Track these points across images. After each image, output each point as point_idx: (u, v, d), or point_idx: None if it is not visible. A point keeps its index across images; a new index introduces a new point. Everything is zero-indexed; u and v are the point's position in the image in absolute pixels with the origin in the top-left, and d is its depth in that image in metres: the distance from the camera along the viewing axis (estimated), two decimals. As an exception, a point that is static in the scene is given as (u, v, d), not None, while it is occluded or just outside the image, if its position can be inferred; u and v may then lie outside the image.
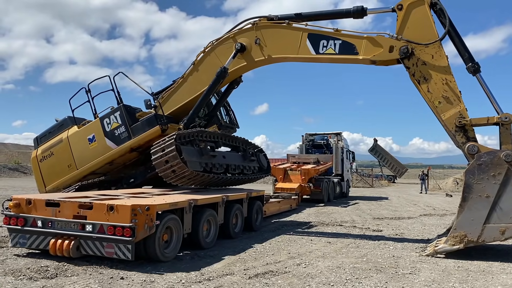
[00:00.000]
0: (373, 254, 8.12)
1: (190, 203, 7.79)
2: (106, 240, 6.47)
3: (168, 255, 7.08)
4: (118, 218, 6.44)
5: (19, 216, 7.14)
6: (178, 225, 7.41)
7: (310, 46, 10.01)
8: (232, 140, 11.90)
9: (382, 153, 35.70)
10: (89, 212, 6.73)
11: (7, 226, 7.25)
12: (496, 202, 7.70)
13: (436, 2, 9.03)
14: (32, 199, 7.22)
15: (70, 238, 6.68)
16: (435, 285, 5.99)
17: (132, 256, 6.33)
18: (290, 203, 17.03)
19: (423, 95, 8.96)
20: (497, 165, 7.79)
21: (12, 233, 7.23)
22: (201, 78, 11.06)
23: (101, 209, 6.62)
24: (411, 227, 12.52)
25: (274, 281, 5.96)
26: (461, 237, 7.84)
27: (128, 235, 6.27)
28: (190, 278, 6.00)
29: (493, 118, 8.40)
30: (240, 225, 10.22)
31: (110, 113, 10.90)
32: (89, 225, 6.62)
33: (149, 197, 8.24)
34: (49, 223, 6.90)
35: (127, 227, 6.29)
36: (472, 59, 8.93)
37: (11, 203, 7.29)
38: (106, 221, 6.50)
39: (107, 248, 6.47)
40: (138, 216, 6.37)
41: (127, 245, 6.33)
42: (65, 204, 6.98)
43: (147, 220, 6.43)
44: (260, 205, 11.65)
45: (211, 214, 8.70)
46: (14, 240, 7.20)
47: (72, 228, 6.74)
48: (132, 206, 6.44)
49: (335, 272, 6.59)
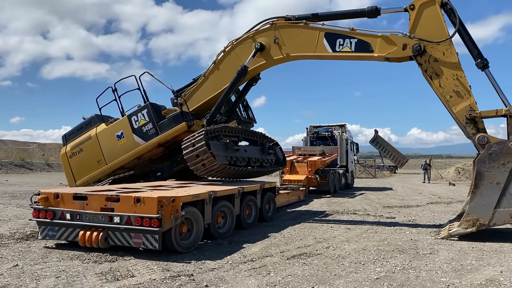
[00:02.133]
0: (392, 238, 8.80)
1: (210, 194, 8.12)
2: (133, 231, 6.74)
3: (188, 245, 7.30)
4: (145, 209, 6.72)
5: (48, 210, 7.43)
6: (199, 216, 7.69)
7: (327, 44, 10.60)
8: (250, 134, 12.53)
9: (383, 144, 36.35)
10: (116, 205, 7.03)
11: (37, 219, 7.55)
12: (506, 188, 8.35)
13: (446, 2, 9.61)
14: (60, 193, 7.49)
15: (98, 230, 6.95)
16: (454, 262, 6.66)
17: (160, 246, 6.62)
18: (298, 194, 17.48)
19: (435, 89, 9.57)
20: (506, 154, 8.43)
21: (41, 226, 7.51)
22: (222, 76, 11.66)
23: (128, 201, 6.91)
24: (421, 214, 13.22)
25: (310, 261, 6.63)
26: (473, 220, 8.51)
27: (156, 225, 6.54)
28: (235, 260, 6.69)
29: (501, 111, 9.04)
30: (254, 216, 10.55)
31: (137, 111, 11.52)
32: (116, 217, 6.88)
33: (170, 189, 8.58)
34: (77, 215, 7.20)
35: (155, 217, 6.56)
36: (481, 56, 9.53)
37: (40, 197, 7.58)
38: (133, 213, 6.78)
39: (135, 239, 6.75)
40: (164, 207, 6.65)
41: (154, 235, 6.60)
42: (92, 197, 7.28)
43: (173, 211, 6.73)
44: (272, 196, 12.02)
45: (228, 206, 9.03)
46: (43, 232, 7.49)
47: (100, 220, 7.02)
48: (158, 198, 6.71)
49: (362, 254, 7.27)
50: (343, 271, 6.07)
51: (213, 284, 5.36)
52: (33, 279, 5.47)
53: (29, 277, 5.59)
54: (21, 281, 5.38)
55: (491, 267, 6.42)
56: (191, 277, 5.63)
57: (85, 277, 5.60)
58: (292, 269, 6.17)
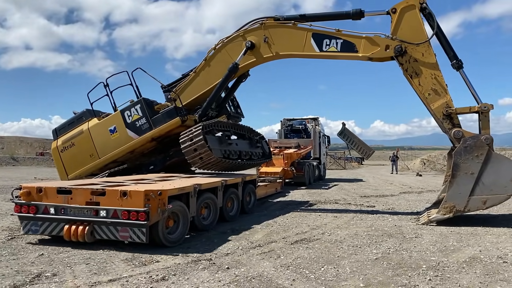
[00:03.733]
0: (378, 225, 9.59)
1: (195, 187, 8.16)
2: (120, 225, 6.75)
3: (175, 239, 7.35)
4: (132, 203, 6.73)
5: (30, 204, 7.30)
6: (185, 209, 7.73)
7: (314, 44, 11.23)
8: (239, 128, 13.09)
9: (350, 137, 37.57)
10: (101, 198, 7.00)
11: (18, 214, 7.41)
12: (479, 178, 9.25)
13: (425, 7, 10.40)
14: (43, 187, 7.39)
15: (84, 224, 6.92)
16: (438, 244, 7.48)
17: (147, 239, 6.67)
18: (275, 186, 17.74)
19: (415, 87, 10.39)
20: (479, 147, 9.33)
21: (24, 220, 7.39)
22: (213, 72, 12.15)
23: (114, 195, 6.89)
24: (397, 202, 14.17)
25: (312, 246, 7.30)
26: (450, 207, 9.40)
27: (143, 219, 6.59)
28: (244, 246, 7.27)
29: (474, 108, 9.93)
30: (236, 208, 10.69)
31: (130, 106, 11.82)
32: (103, 210, 6.87)
33: (154, 183, 8.57)
34: (62, 210, 7.12)
35: (142, 211, 6.59)
36: (456, 57, 10.40)
37: (22, 192, 7.42)
38: (119, 207, 6.76)
39: (122, 232, 6.77)
40: (151, 200, 6.68)
41: (141, 228, 6.63)
42: (77, 191, 7.20)
43: (160, 204, 6.77)
44: (253, 189, 12.25)
45: (212, 198, 9.15)
46: (26, 227, 7.37)
47: (86, 214, 6.98)
48: (145, 192, 6.73)
49: (355, 238, 8.00)
50: (345, 253, 6.78)
51: (233, 267, 5.93)
52: (66, 266, 5.88)
53: (61, 264, 5.98)
54: (56, 268, 5.77)
55: (471, 247, 7.26)
56: (211, 261, 6.19)
57: (113, 263, 6.05)
58: (299, 252, 6.82)
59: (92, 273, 5.56)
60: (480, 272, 5.73)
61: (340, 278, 5.45)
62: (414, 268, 5.94)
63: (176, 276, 5.47)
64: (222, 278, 5.38)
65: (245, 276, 5.49)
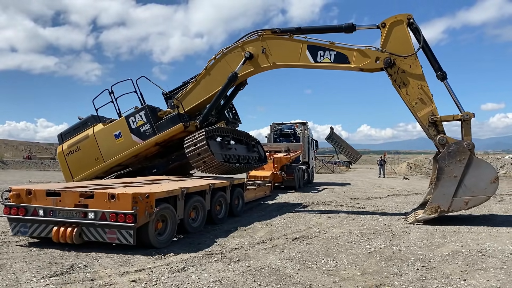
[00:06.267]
0: (369, 224, 10.36)
1: (183, 190, 8.31)
2: (108, 227, 6.92)
3: (164, 240, 7.55)
4: (120, 205, 6.90)
5: (19, 206, 7.43)
6: (173, 212, 7.90)
7: (309, 55, 12.01)
8: (237, 134, 13.80)
9: (338, 141, 38.43)
10: (90, 201, 7.15)
11: (8, 216, 7.54)
12: (462, 181, 10.08)
13: (412, 22, 11.24)
14: (32, 190, 7.53)
15: (72, 226, 7.08)
16: (425, 241, 8.26)
17: (134, 241, 6.84)
18: (264, 190, 17.95)
19: (403, 97, 11.20)
20: (462, 152, 10.17)
21: (13, 222, 7.51)
22: (213, 81, 12.84)
23: (103, 197, 7.04)
24: (386, 204, 14.99)
25: (311, 242, 8.03)
26: (435, 208, 10.20)
27: (131, 221, 6.77)
28: (249, 242, 7.97)
29: (457, 116, 10.75)
30: (224, 211, 10.85)
31: (134, 112, 12.45)
32: (91, 213, 7.03)
33: (142, 186, 8.66)
34: (51, 212, 7.28)
35: (129, 213, 6.78)
36: (440, 69, 11.23)
37: (11, 194, 7.56)
38: (108, 209, 6.94)
39: (110, 234, 6.94)
40: (138, 203, 6.86)
41: (129, 230, 6.81)
42: (66, 194, 7.35)
43: (147, 207, 6.96)
44: (241, 192, 12.40)
45: (200, 201, 9.33)
46: (15, 229, 7.50)
47: (74, 216, 7.14)
48: (133, 194, 6.89)
49: (349, 236, 8.75)
50: (341, 248, 7.52)
51: (243, 259, 6.62)
52: (92, 259, 6.51)
53: (87, 257, 6.60)
54: (83, 260, 6.40)
55: (454, 243, 8.06)
56: (222, 255, 6.88)
57: (135, 256, 6.70)
58: (299, 247, 7.54)
59: (118, 265, 6.20)
60: (461, 263, 6.51)
61: (340, 268, 6.18)
62: (404, 260, 6.70)
63: (194, 267, 6.15)
64: (235, 269, 6.07)
65: (255, 267, 6.19)
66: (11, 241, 7.85)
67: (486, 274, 5.92)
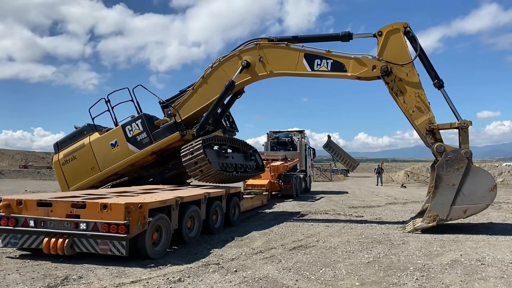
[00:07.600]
0: (368, 233, 10.28)
1: (177, 200, 8.16)
2: (100, 238, 6.72)
3: (159, 251, 7.43)
4: (112, 216, 6.75)
5: (10, 217, 7.24)
6: (168, 222, 7.75)
7: (306, 64, 12.00)
8: (235, 142, 13.74)
9: (335, 149, 38.29)
10: (82, 211, 7.00)
11: None
12: (460, 189, 10.03)
13: (409, 31, 11.26)
14: (23, 200, 7.37)
15: (63, 237, 6.86)
16: (423, 250, 8.19)
17: (127, 252, 6.64)
18: (261, 199, 17.72)
19: (400, 105, 11.18)
20: (459, 160, 10.13)
21: (3, 233, 7.29)
22: (210, 89, 12.81)
23: (95, 207, 6.90)
24: (384, 213, 14.91)
25: (309, 251, 7.95)
26: (434, 216, 10.14)
27: (123, 232, 6.59)
28: (246, 252, 7.88)
29: (455, 124, 10.74)
30: (220, 221, 10.69)
31: (131, 121, 12.39)
32: (83, 223, 6.85)
33: (136, 195, 8.55)
34: (42, 222, 7.07)
35: (122, 224, 6.60)
36: (437, 77, 11.23)
37: (1, 204, 7.40)
38: (100, 219, 6.77)
39: (102, 245, 6.74)
40: (131, 213, 6.71)
41: (121, 241, 6.61)
42: (58, 204, 7.18)
43: (140, 218, 6.79)
44: (237, 201, 12.23)
45: (196, 210, 9.16)
46: (5, 240, 7.27)
47: (66, 227, 6.95)
48: (126, 204, 6.74)
49: (348, 245, 8.67)
50: (339, 258, 7.44)
51: (240, 270, 6.53)
52: (87, 270, 6.40)
53: (82, 268, 6.50)
54: (78, 272, 6.29)
55: (453, 252, 7.99)
56: (219, 265, 6.79)
57: (130, 268, 6.59)
58: (297, 257, 7.46)
59: (114, 276, 6.11)
60: (461, 272, 6.44)
61: (338, 278, 6.10)
62: (403, 269, 6.63)
63: (190, 278, 6.05)
64: (232, 280, 5.98)
65: (253, 277, 6.10)
66: (4, 252, 7.74)
67: (486, 284, 5.86)
